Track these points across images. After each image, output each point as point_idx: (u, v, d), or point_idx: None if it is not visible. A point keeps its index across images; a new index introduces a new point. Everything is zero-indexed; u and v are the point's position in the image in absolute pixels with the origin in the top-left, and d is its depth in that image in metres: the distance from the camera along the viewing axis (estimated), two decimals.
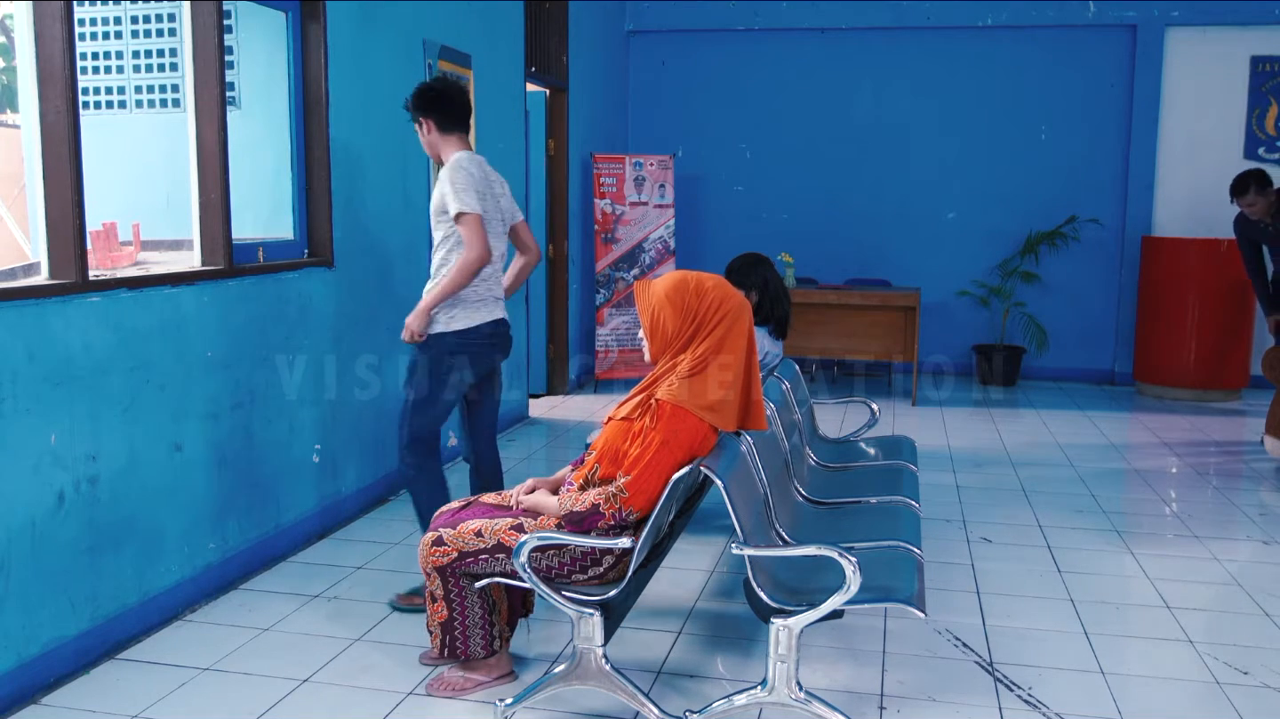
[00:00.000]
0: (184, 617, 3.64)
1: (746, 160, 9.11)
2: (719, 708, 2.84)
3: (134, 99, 5.33)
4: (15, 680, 2.98)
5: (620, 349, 8.01)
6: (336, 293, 4.59)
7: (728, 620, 3.68)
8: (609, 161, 7.99)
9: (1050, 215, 8.51)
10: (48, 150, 3.16)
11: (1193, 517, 5.00)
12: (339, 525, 4.66)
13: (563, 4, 7.55)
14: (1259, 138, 8.23)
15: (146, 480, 3.47)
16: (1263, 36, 8.14)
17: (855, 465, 4.32)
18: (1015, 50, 8.55)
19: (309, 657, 3.33)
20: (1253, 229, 6.23)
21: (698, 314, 2.89)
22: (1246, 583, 4.11)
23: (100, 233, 4.77)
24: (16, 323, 2.95)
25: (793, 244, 8.58)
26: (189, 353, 3.66)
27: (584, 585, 2.85)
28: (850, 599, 2.61)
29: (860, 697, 3.10)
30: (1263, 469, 5.90)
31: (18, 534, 2.97)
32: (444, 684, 3.10)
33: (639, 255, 8.07)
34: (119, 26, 5.35)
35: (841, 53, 8.86)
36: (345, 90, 4.61)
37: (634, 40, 9.20)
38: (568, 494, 2.89)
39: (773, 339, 4.54)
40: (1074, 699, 3.11)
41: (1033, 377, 8.73)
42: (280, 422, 4.21)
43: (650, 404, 2.85)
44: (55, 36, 3.10)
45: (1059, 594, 3.96)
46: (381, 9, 4.92)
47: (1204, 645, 3.50)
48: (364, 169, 4.81)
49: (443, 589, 3.01)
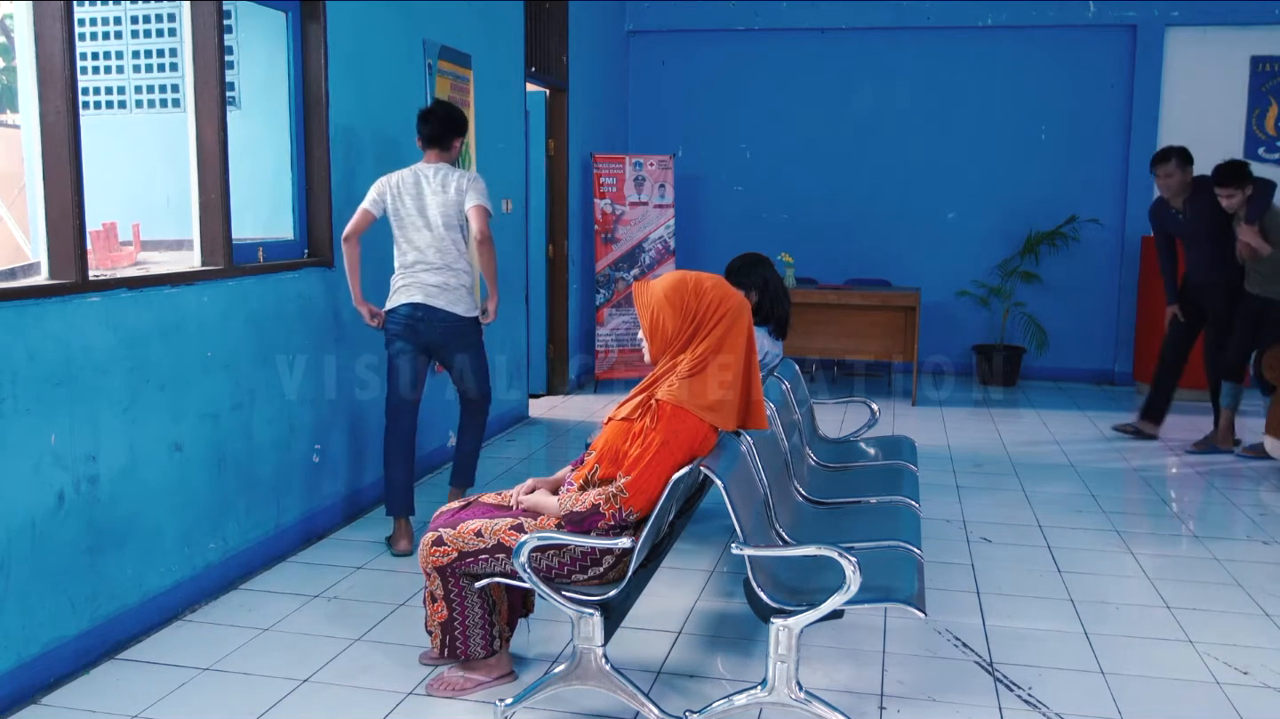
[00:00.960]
0: (184, 617, 3.64)
1: (746, 160, 9.11)
2: (719, 708, 2.84)
3: (134, 99, 5.33)
4: (15, 680, 2.98)
5: (620, 349, 8.01)
6: (336, 293, 4.59)
7: (728, 620, 3.68)
8: (609, 161, 7.99)
9: (1050, 215, 8.51)
10: (48, 150, 3.16)
11: (1193, 517, 5.00)
12: (339, 525, 4.66)
13: (563, 4, 7.55)
14: (1259, 138, 8.23)
15: (146, 480, 3.47)
16: (1263, 36, 8.14)
17: (855, 465, 4.32)
18: (1015, 50, 8.55)
19: (309, 657, 3.33)
20: (1168, 220, 6.26)
21: (697, 314, 2.89)
22: (1246, 583, 4.11)
23: (100, 233, 4.77)
24: (16, 323, 2.95)
25: (793, 244, 8.58)
26: (189, 353, 3.66)
27: (584, 585, 2.85)
28: (850, 599, 2.61)
29: (860, 697, 3.10)
30: (1263, 469, 5.90)
31: (18, 534, 2.97)
32: (444, 684, 3.10)
33: (639, 255, 8.07)
34: (119, 26, 5.35)
35: (841, 53, 8.85)
36: (345, 90, 4.60)
37: (634, 40, 9.20)
38: (568, 494, 2.89)
39: (773, 339, 4.54)
40: (1074, 699, 3.11)
41: (1033, 376, 8.73)
42: (280, 422, 4.21)
43: (650, 404, 2.85)
44: (55, 36, 3.10)
45: (1059, 594, 3.96)
46: (381, 9, 4.92)
47: (1204, 645, 3.50)
48: (364, 169, 4.81)
49: (443, 589, 3.01)
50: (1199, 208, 6.13)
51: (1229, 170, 5.93)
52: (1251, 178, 5.90)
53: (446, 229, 4.29)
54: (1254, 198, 5.86)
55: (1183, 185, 6.11)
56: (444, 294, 4.30)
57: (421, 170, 4.32)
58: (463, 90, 5.80)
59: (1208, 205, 6.07)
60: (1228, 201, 5.93)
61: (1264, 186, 5.89)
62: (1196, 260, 6.28)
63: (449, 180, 4.30)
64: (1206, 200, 6.07)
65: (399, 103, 5.13)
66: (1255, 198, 5.86)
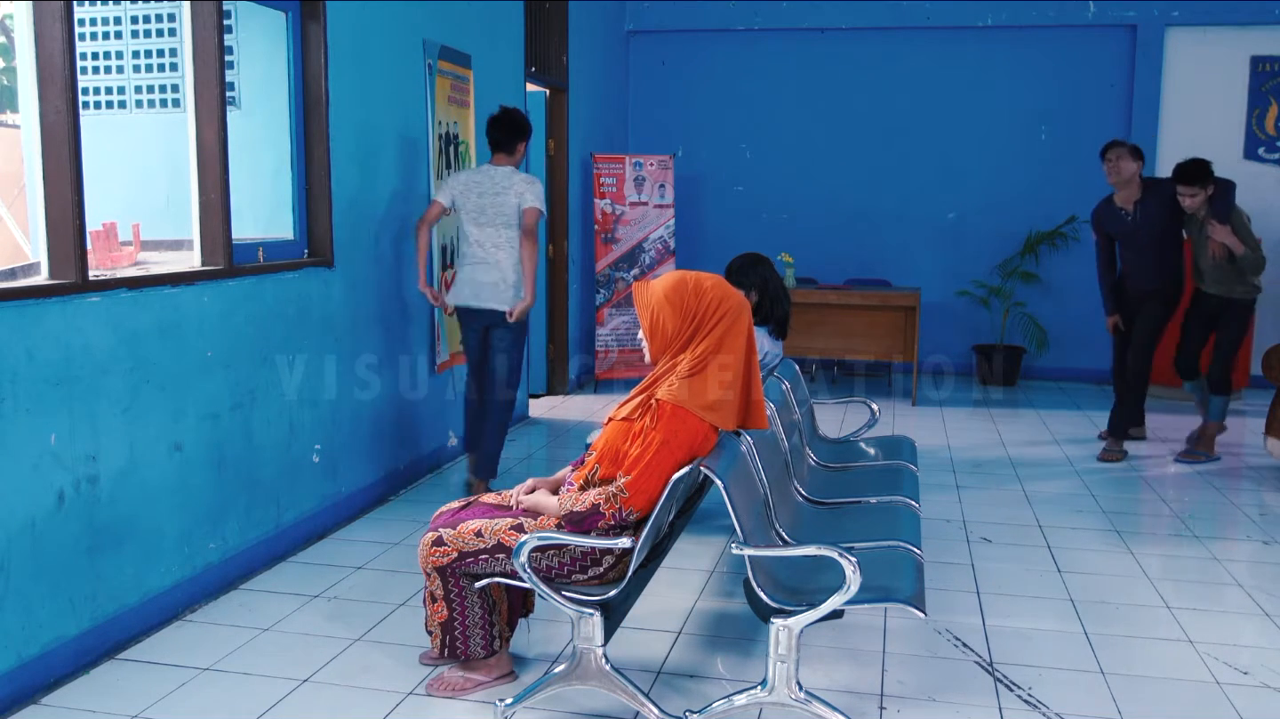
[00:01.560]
0: (184, 617, 3.64)
1: (746, 160, 9.11)
2: (719, 708, 2.84)
3: (134, 99, 5.33)
4: (15, 680, 2.98)
5: (620, 349, 8.01)
6: (336, 293, 4.59)
7: (728, 620, 3.68)
8: (609, 161, 7.99)
9: (1050, 215, 8.51)
10: (48, 150, 3.16)
11: (1193, 517, 5.00)
12: (339, 525, 4.66)
13: (563, 4, 7.55)
14: (1259, 138, 8.23)
15: (146, 480, 3.47)
16: (1263, 36, 8.14)
17: (855, 465, 4.32)
18: (1015, 50, 8.55)
19: (309, 657, 3.33)
20: (1113, 221, 6.04)
21: (697, 314, 2.89)
22: (1246, 583, 4.11)
23: (100, 233, 4.77)
24: (16, 323, 2.95)
25: (793, 244, 8.58)
26: (189, 353, 3.66)
27: (584, 585, 2.85)
28: (850, 599, 2.61)
29: (860, 697, 3.10)
30: (1263, 469, 5.90)
31: (17, 534, 2.97)
32: (444, 684, 3.10)
33: (639, 255, 8.07)
34: (119, 26, 5.35)
35: (841, 53, 8.86)
36: (345, 90, 4.60)
37: (634, 40, 9.20)
38: (568, 494, 2.89)
39: (773, 339, 4.54)
40: (1074, 699, 3.11)
41: (1033, 376, 8.73)
42: (280, 422, 4.21)
43: (650, 404, 2.85)
44: (55, 36, 3.10)
45: (1059, 594, 3.96)
46: (381, 9, 4.92)
47: (1204, 645, 3.50)
48: (364, 169, 4.81)
49: (443, 589, 3.01)
50: (1149, 210, 5.93)
51: (1195, 169, 5.75)
52: (1214, 177, 5.75)
53: (505, 227, 4.80)
54: (1217, 197, 5.73)
55: (1130, 177, 5.88)
56: (491, 289, 4.83)
57: (488, 171, 4.86)
58: (463, 90, 5.80)
59: (1157, 207, 5.90)
60: (1190, 201, 5.74)
61: (1225, 186, 5.76)
62: (1139, 266, 6.05)
63: (511, 182, 4.81)
64: (1156, 202, 5.90)
65: (399, 103, 5.13)
66: (1219, 197, 5.73)
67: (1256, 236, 5.90)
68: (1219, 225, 5.71)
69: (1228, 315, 5.94)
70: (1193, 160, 5.79)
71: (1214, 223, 5.73)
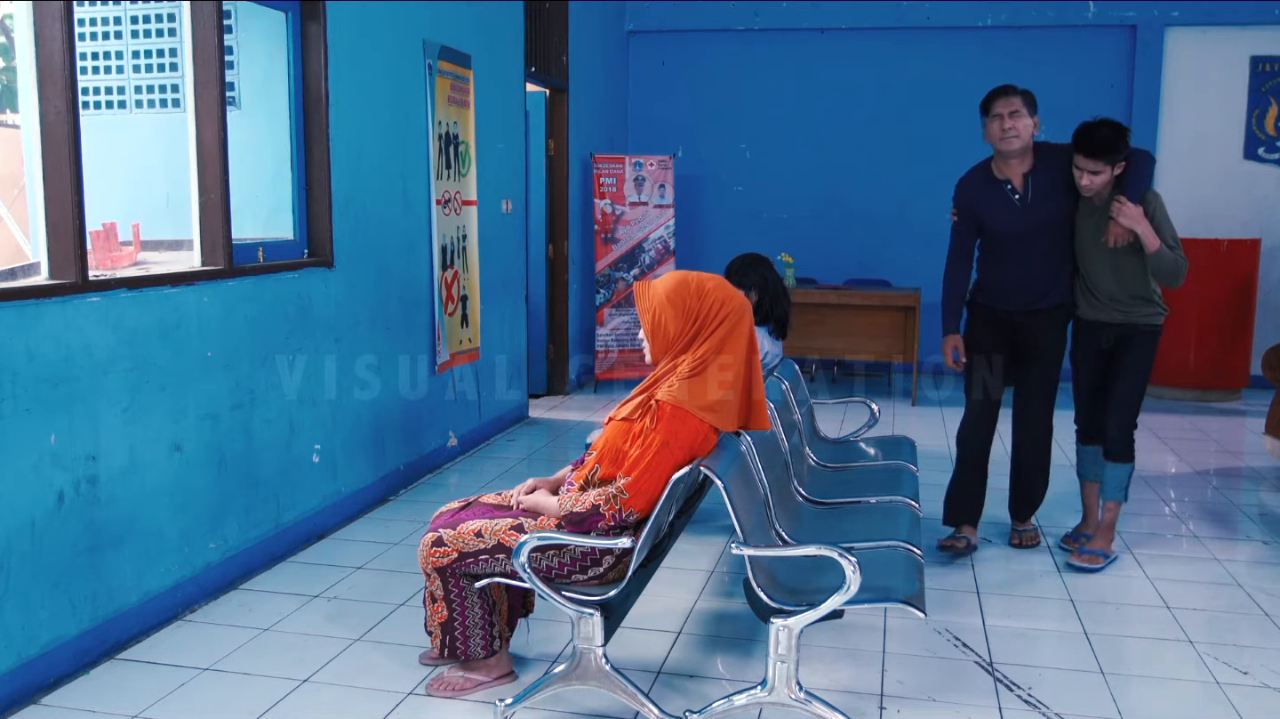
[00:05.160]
0: (184, 617, 3.64)
1: (746, 160, 9.11)
2: (719, 708, 2.84)
3: (134, 99, 5.33)
4: (15, 680, 2.98)
5: (620, 349, 8.01)
6: (336, 293, 4.59)
7: (728, 620, 3.68)
8: (609, 161, 7.99)
9: None
10: (48, 150, 3.16)
11: (1193, 517, 5.00)
12: (339, 525, 4.66)
13: (563, 4, 7.55)
14: (1259, 138, 8.23)
15: (146, 480, 3.47)
16: (1263, 36, 8.13)
17: (855, 465, 4.32)
18: (1015, 50, 8.54)
19: (309, 657, 3.33)
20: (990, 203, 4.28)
21: (699, 315, 2.89)
22: (1246, 583, 4.11)
23: (100, 233, 4.77)
24: (16, 323, 2.95)
25: (793, 244, 8.58)
26: (189, 353, 3.66)
27: (584, 585, 2.85)
28: (850, 599, 2.61)
29: (860, 697, 3.10)
30: (1263, 469, 5.90)
31: (17, 534, 2.97)
32: (444, 684, 3.10)
33: (639, 255, 8.07)
34: (119, 26, 5.34)
35: (841, 53, 8.85)
36: (345, 90, 4.60)
37: (634, 40, 9.20)
38: (568, 494, 2.89)
39: (773, 339, 4.54)
40: (1074, 699, 3.11)
41: None
42: (280, 422, 4.21)
43: (651, 405, 2.85)
44: (55, 36, 3.10)
45: (1059, 594, 3.96)
46: (381, 9, 4.92)
47: (1204, 645, 3.50)
48: (364, 169, 4.81)
49: (443, 589, 3.01)
50: (1044, 187, 4.13)
51: (1109, 134, 3.91)
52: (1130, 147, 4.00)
53: None
54: (1131, 171, 3.99)
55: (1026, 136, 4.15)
56: None
57: None
58: (463, 90, 5.80)
59: (1060, 185, 4.11)
60: (1089, 180, 3.95)
61: (1143, 158, 4.05)
62: (1023, 273, 4.23)
63: None
64: (1057, 177, 4.12)
65: (399, 103, 5.13)
66: (1134, 171, 3.99)
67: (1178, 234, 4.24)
68: (1128, 205, 3.93)
69: (1131, 351, 4.21)
70: (1103, 121, 3.98)
71: (1122, 201, 3.95)
